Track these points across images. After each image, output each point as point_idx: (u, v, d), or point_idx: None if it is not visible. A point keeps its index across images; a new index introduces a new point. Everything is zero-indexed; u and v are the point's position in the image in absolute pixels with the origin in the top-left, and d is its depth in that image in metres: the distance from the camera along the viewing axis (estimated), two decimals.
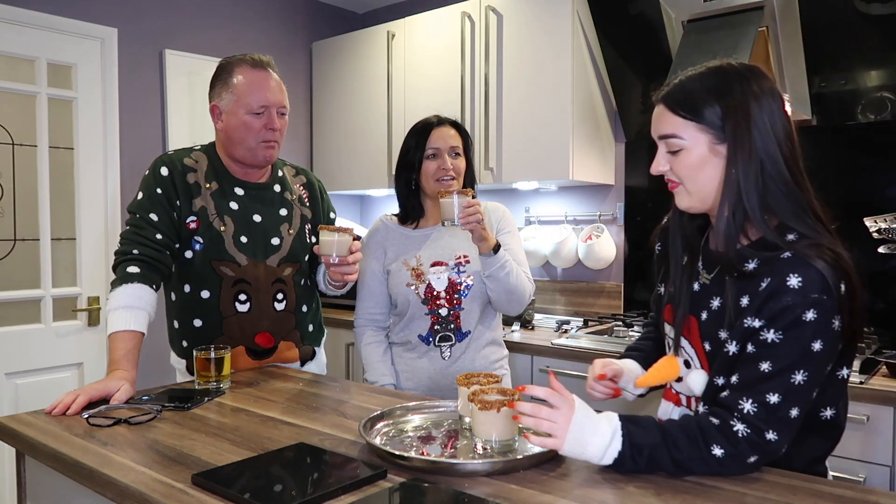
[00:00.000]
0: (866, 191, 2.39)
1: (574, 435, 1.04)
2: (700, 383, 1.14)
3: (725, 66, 1.12)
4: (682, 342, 1.20)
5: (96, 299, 2.94)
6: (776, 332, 1.01)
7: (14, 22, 2.69)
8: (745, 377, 1.03)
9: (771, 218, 1.08)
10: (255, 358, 1.83)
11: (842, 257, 1.02)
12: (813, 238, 1.04)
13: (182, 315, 1.80)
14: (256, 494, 0.97)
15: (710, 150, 1.09)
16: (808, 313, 0.99)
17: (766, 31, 2.33)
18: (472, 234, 1.76)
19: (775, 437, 1.00)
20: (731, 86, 1.09)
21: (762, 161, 1.06)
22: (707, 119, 1.09)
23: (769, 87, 1.09)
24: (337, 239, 1.64)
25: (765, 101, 1.07)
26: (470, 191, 1.73)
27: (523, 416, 1.08)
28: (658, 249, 1.34)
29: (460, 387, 1.29)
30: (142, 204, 1.73)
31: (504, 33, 2.93)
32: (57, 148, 2.87)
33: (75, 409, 1.40)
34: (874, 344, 2.21)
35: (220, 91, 1.76)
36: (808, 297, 0.99)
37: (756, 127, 1.06)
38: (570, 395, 1.09)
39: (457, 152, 1.90)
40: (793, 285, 1.00)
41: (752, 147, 1.06)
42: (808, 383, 1.01)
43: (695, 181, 1.12)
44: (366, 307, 1.97)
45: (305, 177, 1.98)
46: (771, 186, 1.06)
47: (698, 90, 1.10)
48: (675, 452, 1.01)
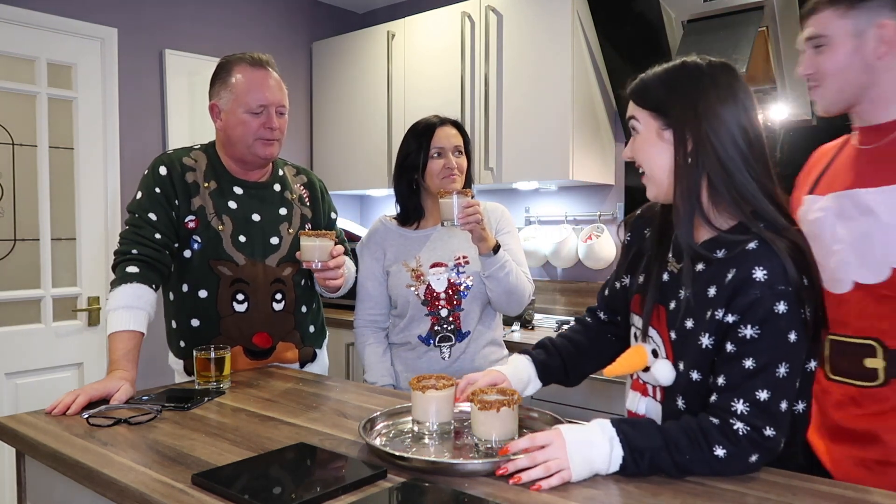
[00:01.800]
0: None
1: (577, 459, 1.03)
2: (666, 373, 1.14)
3: (689, 61, 1.14)
4: (650, 332, 1.20)
5: (96, 299, 2.94)
6: (753, 327, 1.02)
7: (14, 22, 2.69)
8: (732, 377, 1.03)
9: (729, 209, 1.09)
10: (253, 358, 1.82)
11: (801, 249, 1.04)
12: (774, 231, 1.06)
13: (180, 315, 1.79)
14: (256, 495, 0.97)
15: (657, 136, 1.13)
16: (778, 305, 1.01)
17: (766, 31, 2.33)
18: (472, 235, 1.76)
19: (773, 433, 1.01)
20: (685, 77, 1.12)
21: (714, 153, 1.07)
22: (654, 105, 1.13)
23: (729, 81, 1.11)
24: (317, 244, 1.63)
25: (721, 95, 1.09)
26: (469, 191, 1.73)
27: (528, 472, 1.03)
28: (627, 239, 1.34)
29: (414, 391, 1.25)
30: (141, 203, 1.72)
31: (504, 33, 2.93)
32: (57, 148, 2.87)
33: (75, 409, 1.40)
34: None
35: (219, 90, 1.76)
36: (775, 288, 1.01)
37: (705, 119, 1.08)
38: (548, 429, 1.09)
39: (459, 150, 1.91)
40: (759, 278, 1.02)
41: (699, 138, 1.08)
42: (791, 375, 1.02)
43: (648, 167, 1.16)
44: (365, 308, 1.97)
45: (306, 176, 1.97)
46: (724, 178, 1.08)
47: (654, 79, 1.15)
48: (677, 455, 1.01)
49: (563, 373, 1.39)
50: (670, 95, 1.12)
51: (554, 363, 1.38)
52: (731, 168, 1.08)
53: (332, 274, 1.70)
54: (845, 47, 1.23)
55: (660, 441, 1.02)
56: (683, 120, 1.10)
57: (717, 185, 1.09)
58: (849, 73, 1.24)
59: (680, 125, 1.10)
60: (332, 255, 1.66)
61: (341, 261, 1.70)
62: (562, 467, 1.02)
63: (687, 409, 1.11)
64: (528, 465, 1.03)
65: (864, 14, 1.21)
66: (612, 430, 1.04)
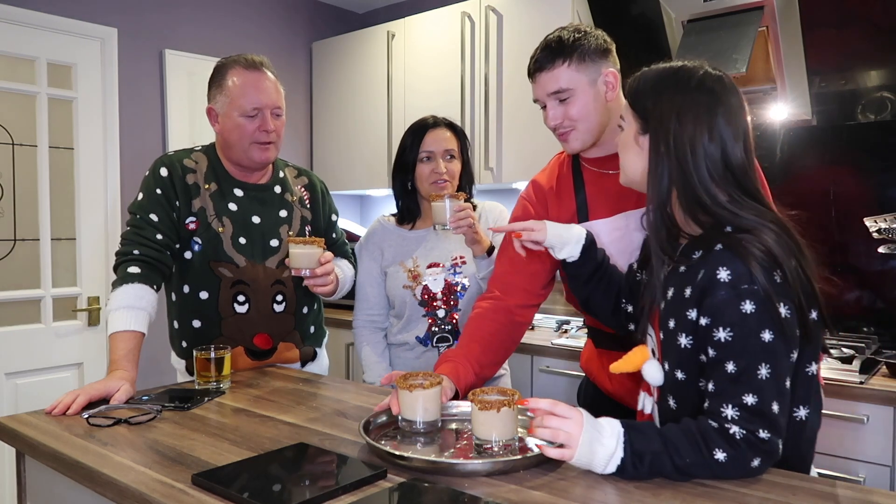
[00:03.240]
0: (866, 191, 2.39)
1: (585, 446, 1.03)
2: (654, 373, 1.15)
3: (686, 67, 1.15)
4: (650, 330, 1.22)
5: (96, 299, 2.94)
6: (725, 329, 1.02)
7: (14, 22, 2.69)
8: (718, 383, 1.03)
9: (702, 215, 1.10)
10: (254, 359, 1.83)
11: (772, 249, 1.03)
12: (746, 231, 1.06)
13: (181, 315, 1.80)
14: (256, 494, 0.97)
15: (633, 138, 1.17)
16: (745, 305, 1.01)
17: (766, 31, 2.33)
18: (465, 238, 1.75)
19: (768, 436, 1.00)
20: (674, 85, 1.14)
21: (681, 163, 1.09)
22: (638, 108, 1.16)
23: (718, 92, 1.11)
24: (305, 252, 1.62)
25: (704, 107, 1.10)
26: (462, 194, 1.72)
27: (538, 429, 1.07)
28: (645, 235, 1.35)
29: (401, 389, 1.24)
30: (142, 204, 1.73)
31: (504, 33, 2.93)
32: (57, 148, 2.86)
33: (75, 409, 1.40)
34: (874, 344, 2.22)
35: (215, 94, 1.76)
36: (738, 288, 1.01)
37: (679, 128, 1.09)
38: (573, 406, 1.09)
39: (451, 155, 1.89)
40: (723, 278, 1.02)
41: (669, 147, 1.10)
42: (774, 375, 1.01)
43: (623, 161, 1.20)
44: (364, 308, 1.97)
45: (307, 178, 1.97)
46: (688, 189, 1.09)
47: (646, 83, 1.17)
48: (677, 458, 1.01)
49: (601, 270, 1.37)
50: (653, 102, 1.14)
51: (601, 257, 1.37)
52: (694, 181, 1.09)
53: (322, 281, 1.69)
54: (587, 95, 1.46)
55: (660, 444, 1.02)
56: (659, 128, 1.12)
57: (681, 196, 1.10)
58: (594, 115, 1.47)
59: (655, 132, 1.12)
60: (320, 263, 1.65)
61: (329, 268, 1.69)
62: (568, 444, 1.04)
63: (678, 409, 1.12)
64: (541, 425, 1.06)
65: (593, 67, 1.46)
66: (620, 429, 1.04)
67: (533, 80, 1.53)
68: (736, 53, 2.23)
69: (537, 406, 1.09)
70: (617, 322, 1.40)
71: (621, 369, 1.24)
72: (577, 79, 1.45)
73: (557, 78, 1.46)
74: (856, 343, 2.20)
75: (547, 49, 1.47)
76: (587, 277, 1.38)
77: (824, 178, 2.45)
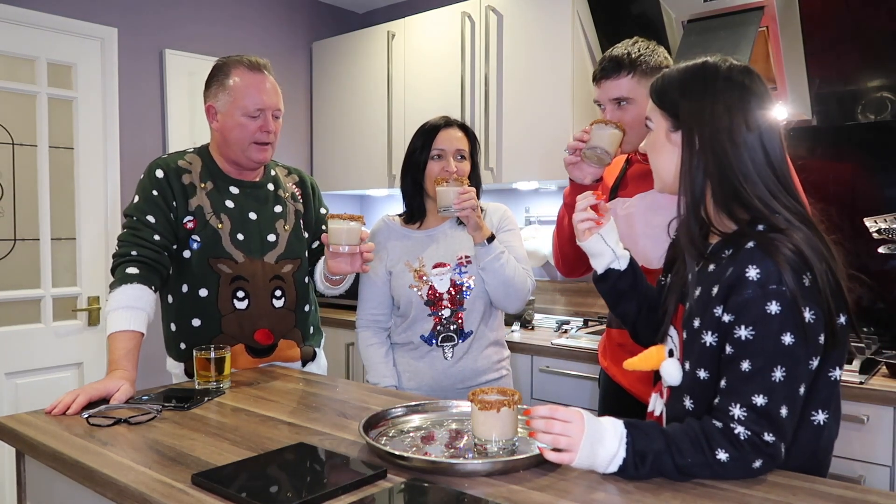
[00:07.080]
0: (866, 191, 2.39)
1: (586, 449, 1.03)
2: (672, 373, 1.14)
3: (710, 62, 1.15)
4: (671, 331, 1.21)
5: (96, 299, 2.94)
6: (747, 328, 1.01)
7: (14, 22, 2.68)
8: (731, 381, 1.03)
9: (738, 210, 1.09)
10: (255, 356, 1.83)
11: (803, 251, 1.02)
12: (779, 231, 1.05)
13: (180, 316, 1.79)
14: (256, 494, 0.97)
15: (665, 137, 1.16)
16: (770, 305, 1.00)
17: (766, 31, 2.32)
18: (468, 223, 1.76)
19: (772, 439, 0.99)
20: (701, 80, 1.13)
21: (718, 158, 1.08)
22: (667, 106, 1.16)
23: (746, 84, 1.11)
24: (347, 227, 1.57)
25: (735, 99, 1.10)
26: (465, 180, 1.74)
27: (539, 434, 1.06)
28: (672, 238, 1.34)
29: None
30: (139, 206, 1.73)
31: (504, 33, 2.93)
32: (57, 148, 2.86)
33: (75, 409, 1.40)
34: (874, 344, 2.21)
35: (216, 91, 1.77)
36: (766, 288, 1.00)
37: (714, 122, 1.09)
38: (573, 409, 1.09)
39: (462, 155, 1.90)
40: (751, 277, 1.01)
41: (705, 141, 1.09)
42: (789, 379, 1.00)
43: (655, 164, 1.20)
44: (367, 308, 1.96)
45: (298, 175, 1.99)
46: (727, 184, 1.08)
47: (672, 80, 1.17)
48: (679, 458, 1.00)
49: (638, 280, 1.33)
50: (683, 97, 1.14)
51: (638, 270, 1.34)
52: (734, 173, 1.08)
53: (362, 258, 1.62)
54: (643, 106, 1.46)
55: (662, 444, 1.02)
56: (692, 123, 1.11)
57: (717, 191, 1.09)
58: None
59: (688, 127, 1.11)
60: (361, 239, 1.61)
61: (371, 245, 1.65)
62: (569, 448, 1.03)
63: (694, 410, 1.11)
64: (545, 430, 1.06)
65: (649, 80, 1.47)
66: (623, 430, 1.04)
67: (597, 85, 1.66)
68: (736, 53, 2.23)
69: (536, 412, 1.08)
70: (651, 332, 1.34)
71: (634, 367, 1.24)
72: (637, 90, 1.60)
73: (620, 87, 1.61)
74: (856, 343, 2.20)
75: (614, 60, 1.62)
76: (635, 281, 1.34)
77: (824, 178, 2.45)
